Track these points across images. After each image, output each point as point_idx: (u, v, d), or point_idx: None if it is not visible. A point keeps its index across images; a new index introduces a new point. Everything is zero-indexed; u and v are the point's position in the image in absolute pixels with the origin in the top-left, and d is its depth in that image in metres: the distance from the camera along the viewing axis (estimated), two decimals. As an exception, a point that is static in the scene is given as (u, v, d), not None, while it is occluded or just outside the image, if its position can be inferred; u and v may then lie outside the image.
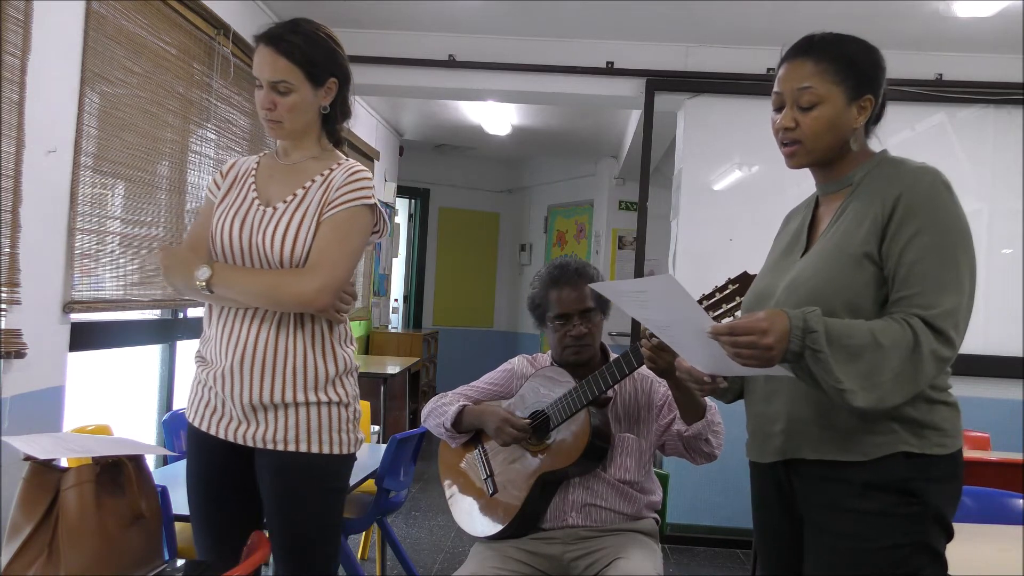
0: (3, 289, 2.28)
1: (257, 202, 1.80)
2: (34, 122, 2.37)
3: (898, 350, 1.35)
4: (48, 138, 2.47)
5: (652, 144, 4.53)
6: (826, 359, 1.33)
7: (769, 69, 4.28)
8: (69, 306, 2.60)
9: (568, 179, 8.31)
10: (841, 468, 1.46)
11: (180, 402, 3.63)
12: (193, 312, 3.80)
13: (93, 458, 1.57)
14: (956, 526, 1.50)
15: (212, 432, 1.79)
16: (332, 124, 1.87)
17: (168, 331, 3.60)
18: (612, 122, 6.33)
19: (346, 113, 1.89)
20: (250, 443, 1.75)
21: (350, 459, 1.83)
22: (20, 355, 2.36)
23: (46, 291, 2.52)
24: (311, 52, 1.76)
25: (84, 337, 2.80)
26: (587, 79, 4.49)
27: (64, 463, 1.67)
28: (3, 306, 2.29)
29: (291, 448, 1.74)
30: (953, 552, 1.50)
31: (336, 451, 1.77)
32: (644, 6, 3.93)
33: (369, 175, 1.81)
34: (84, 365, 2.88)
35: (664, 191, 4.98)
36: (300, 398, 1.74)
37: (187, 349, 3.75)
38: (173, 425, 3.12)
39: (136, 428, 3.48)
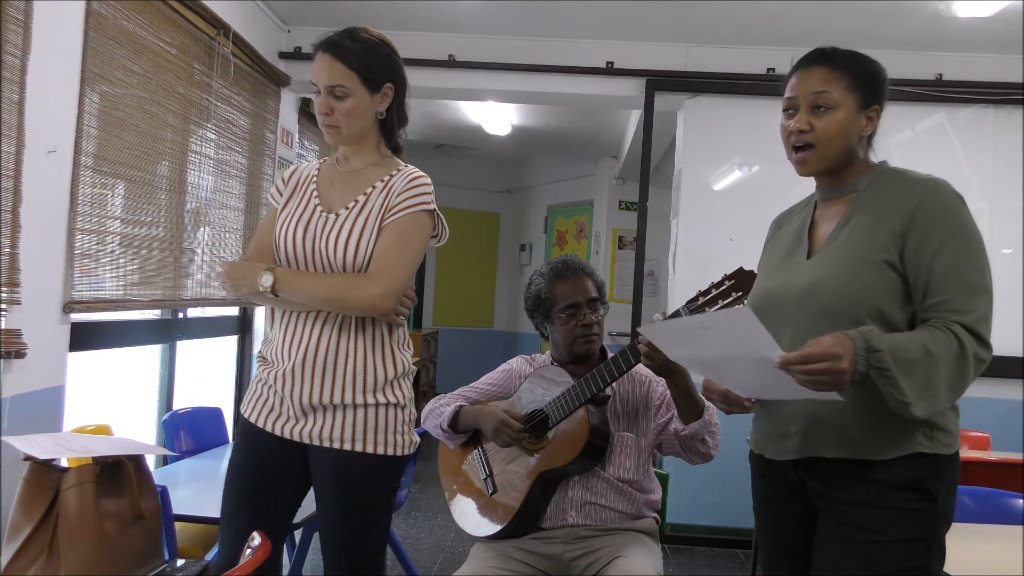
0: (3, 289, 2.29)
1: (320, 208, 1.84)
2: (34, 122, 2.37)
3: (948, 359, 1.40)
4: (48, 138, 2.47)
5: (652, 144, 4.53)
6: (893, 376, 1.37)
7: (769, 69, 4.29)
8: (69, 306, 2.60)
9: (568, 179, 8.31)
10: (860, 467, 1.50)
11: (180, 402, 3.63)
12: (193, 312, 3.81)
13: (93, 458, 1.57)
14: (956, 526, 1.56)
15: (267, 429, 1.83)
16: (390, 130, 1.91)
17: (168, 331, 3.60)
18: (612, 122, 6.33)
19: (403, 119, 1.93)
20: (305, 440, 1.80)
21: (404, 460, 1.86)
22: (20, 355, 2.36)
23: (46, 291, 2.52)
24: (367, 58, 1.80)
25: (84, 337, 2.80)
26: (587, 79, 4.49)
27: (64, 463, 1.67)
28: (3, 306, 2.29)
29: (347, 447, 1.78)
30: (953, 552, 1.54)
31: (391, 452, 1.81)
32: (644, 6, 3.93)
33: (428, 181, 1.85)
34: (84, 365, 2.88)
35: (664, 191, 4.98)
36: (359, 400, 1.78)
37: (187, 349, 3.75)
38: (173, 425, 3.12)
39: (136, 428, 3.49)
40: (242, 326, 4.38)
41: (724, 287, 1.78)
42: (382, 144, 1.91)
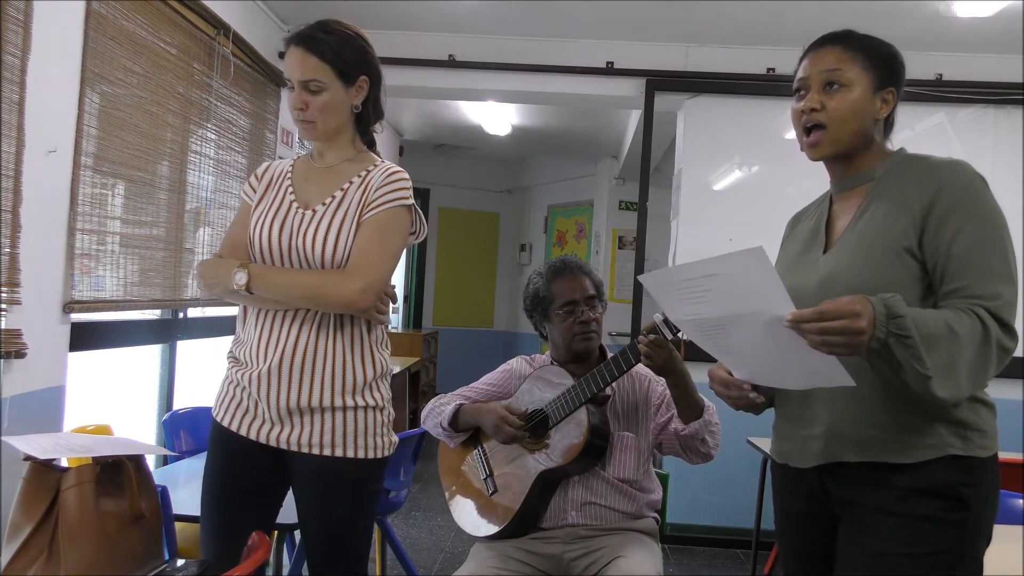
0: (3, 289, 2.29)
1: (296, 205, 1.80)
2: (34, 122, 2.37)
3: (972, 341, 1.31)
4: (48, 138, 2.47)
5: (652, 144, 4.53)
6: (915, 344, 1.26)
7: (769, 69, 4.29)
8: (69, 306, 2.60)
9: (568, 179, 8.32)
10: (886, 471, 1.41)
11: (180, 402, 3.63)
12: (193, 312, 3.81)
13: (93, 458, 1.57)
14: None
15: (242, 433, 1.79)
16: (365, 125, 1.88)
17: (168, 331, 3.60)
18: (612, 122, 6.33)
19: (379, 113, 1.89)
20: (283, 446, 1.76)
21: (384, 463, 1.84)
22: (20, 355, 2.36)
23: (46, 291, 2.52)
24: (341, 50, 1.76)
25: (84, 337, 2.80)
26: (587, 79, 4.49)
27: (64, 463, 1.67)
28: (3, 306, 2.29)
29: (326, 452, 1.75)
30: None
31: (371, 455, 1.78)
32: (644, 6, 3.93)
33: (407, 176, 1.81)
34: (84, 365, 2.88)
35: (664, 191, 4.99)
36: (337, 403, 1.74)
37: (187, 349, 3.75)
38: (173, 425, 3.12)
39: (136, 428, 3.48)
40: (242, 326, 4.37)
41: (724, 287, 1.77)
42: (357, 139, 1.87)
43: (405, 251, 2.06)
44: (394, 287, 1.84)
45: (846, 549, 1.48)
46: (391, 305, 1.85)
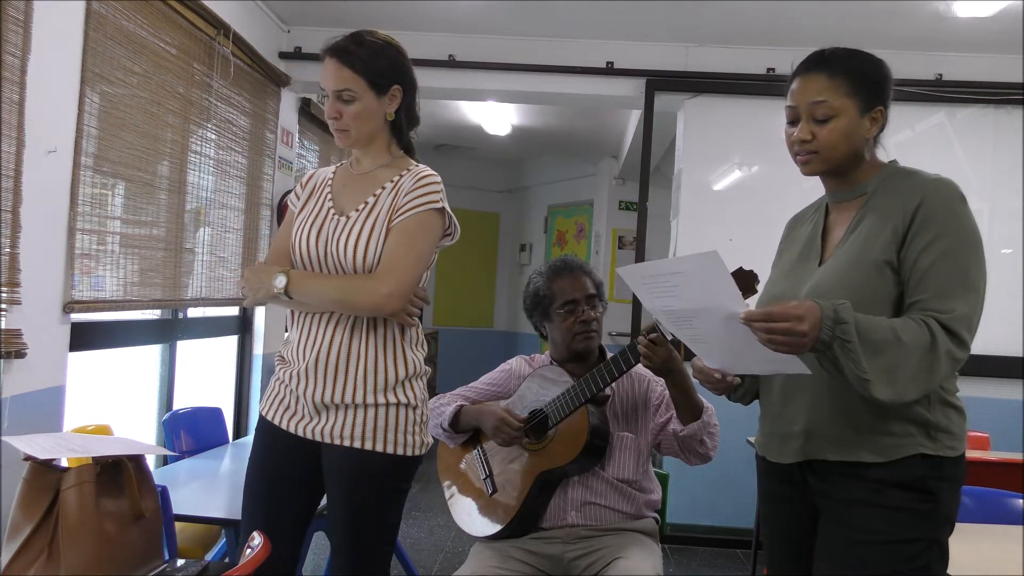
0: (3, 289, 2.29)
1: (332, 211, 1.86)
2: (34, 122, 2.37)
3: (917, 348, 1.41)
4: (48, 138, 2.47)
5: (652, 144, 4.53)
6: (855, 349, 1.38)
7: (769, 69, 4.29)
8: (69, 306, 2.60)
9: (568, 179, 8.31)
10: (862, 467, 1.50)
11: (180, 402, 3.63)
12: (193, 312, 3.81)
13: (93, 458, 1.57)
14: (956, 526, 1.55)
15: (283, 427, 1.87)
16: (400, 131, 1.92)
17: (168, 331, 3.60)
18: (612, 122, 6.33)
19: (413, 120, 1.93)
20: (317, 437, 1.82)
21: (415, 461, 1.86)
22: (20, 355, 2.36)
23: (46, 291, 2.52)
24: (372, 62, 1.82)
25: (84, 337, 2.80)
26: (587, 79, 4.49)
27: (64, 463, 1.67)
28: (3, 306, 2.29)
29: (356, 445, 1.79)
30: (953, 552, 1.54)
31: (400, 452, 1.82)
32: (644, 6, 3.93)
33: (438, 179, 1.85)
34: (84, 365, 2.88)
35: (664, 191, 4.98)
36: (369, 399, 1.79)
37: (187, 349, 3.75)
38: (173, 425, 3.12)
39: (136, 428, 3.48)
40: (242, 326, 4.38)
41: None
42: (393, 145, 1.92)
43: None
44: (425, 289, 1.88)
45: (824, 541, 1.56)
46: (424, 307, 1.89)
